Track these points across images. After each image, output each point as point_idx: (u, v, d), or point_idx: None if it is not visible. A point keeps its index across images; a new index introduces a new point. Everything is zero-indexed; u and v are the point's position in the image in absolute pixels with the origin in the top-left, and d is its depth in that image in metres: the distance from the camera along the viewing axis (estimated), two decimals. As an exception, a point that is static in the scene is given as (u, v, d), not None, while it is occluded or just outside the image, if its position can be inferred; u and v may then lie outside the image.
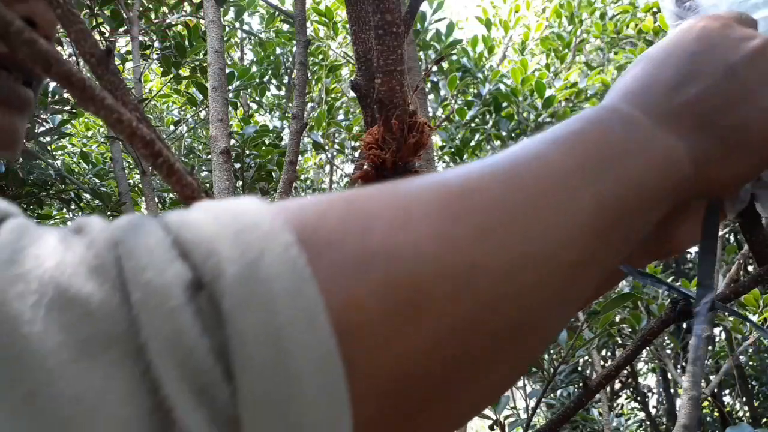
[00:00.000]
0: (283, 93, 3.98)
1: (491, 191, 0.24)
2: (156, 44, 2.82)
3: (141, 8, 2.65)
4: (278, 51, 3.77)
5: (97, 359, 0.16)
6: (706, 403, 4.10)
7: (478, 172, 0.25)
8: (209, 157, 1.92)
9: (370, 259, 0.20)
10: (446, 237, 0.22)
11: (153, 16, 2.82)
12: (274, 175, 2.73)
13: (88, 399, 0.16)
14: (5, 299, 0.16)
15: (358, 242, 0.21)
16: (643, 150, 0.29)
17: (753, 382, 4.23)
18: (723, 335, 3.64)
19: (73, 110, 2.67)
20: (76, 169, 3.13)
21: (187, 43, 2.71)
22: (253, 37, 3.94)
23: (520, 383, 3.25)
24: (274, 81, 3.87)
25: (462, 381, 0.22)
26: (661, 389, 4.81)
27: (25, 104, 0.40)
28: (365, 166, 0.71)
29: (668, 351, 3.48)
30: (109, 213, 2.70)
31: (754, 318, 2.48)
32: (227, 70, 2.24)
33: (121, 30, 2.59)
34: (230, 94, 2.78)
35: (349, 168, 4.12)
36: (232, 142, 2.51)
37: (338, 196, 0.23)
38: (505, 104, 3.09)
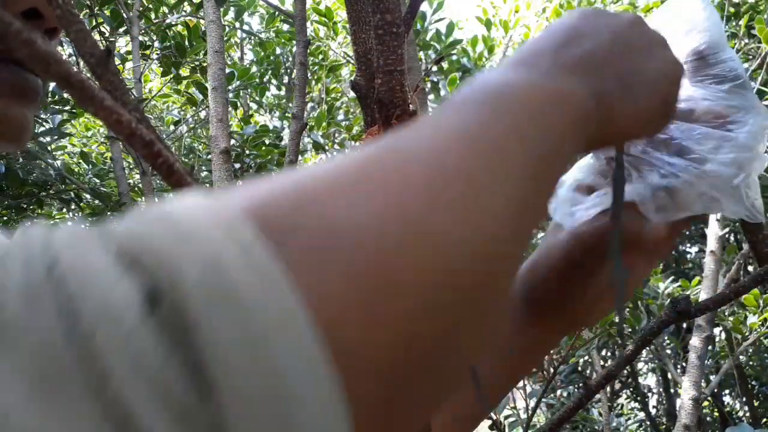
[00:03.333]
0: (283, 93, 3.98)
1: (442, 158, 0.24)
2: (156, 44, 2.82)
3: (141, 8, 2.65)
4: (278, 51, 3.77)
5: (55, 400, 0.15)
6: (706, 403, 4.11)
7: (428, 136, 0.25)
8: (209, 157, 1.92)
9: (335, 242, 0.20)
10: (399, 210, 0.21)
11: (153, 16, 2.82)
12: (274, 175, 2.73)
13: None
14: None
15: (319, 225, 0.20)
16: (550, 95, 0.30)
17: (753, 382, 4.23)
18: (723, 335, 3.64)
19: (73, 110, 2.67)
20: (76, 169, 3.13)
21: (187, 43, 2.71)
22: (253, 37, 3.94)
23: (520, 383, 3.24)
24: (274, 81, 3.87)
25: (442, 345, 0.22)
26: (661, 389, 4.81)
27: (36, 93, 0.39)
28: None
29: (668, 351, 3.48)
30: (109, 213, 2.70)
31: (754, 318, 2.47)
32: (227, 70, 2.24)
33: (121, 30, 2.59)
34: (230, 94, 2.78)
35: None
36: (232, 142, 2.51)
37: (285, 178, 0.22)
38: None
